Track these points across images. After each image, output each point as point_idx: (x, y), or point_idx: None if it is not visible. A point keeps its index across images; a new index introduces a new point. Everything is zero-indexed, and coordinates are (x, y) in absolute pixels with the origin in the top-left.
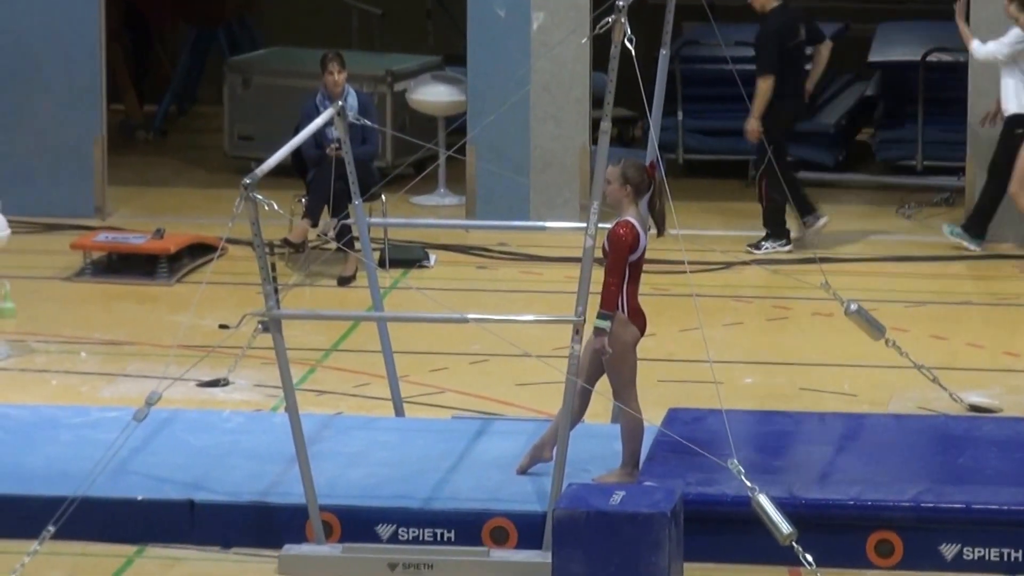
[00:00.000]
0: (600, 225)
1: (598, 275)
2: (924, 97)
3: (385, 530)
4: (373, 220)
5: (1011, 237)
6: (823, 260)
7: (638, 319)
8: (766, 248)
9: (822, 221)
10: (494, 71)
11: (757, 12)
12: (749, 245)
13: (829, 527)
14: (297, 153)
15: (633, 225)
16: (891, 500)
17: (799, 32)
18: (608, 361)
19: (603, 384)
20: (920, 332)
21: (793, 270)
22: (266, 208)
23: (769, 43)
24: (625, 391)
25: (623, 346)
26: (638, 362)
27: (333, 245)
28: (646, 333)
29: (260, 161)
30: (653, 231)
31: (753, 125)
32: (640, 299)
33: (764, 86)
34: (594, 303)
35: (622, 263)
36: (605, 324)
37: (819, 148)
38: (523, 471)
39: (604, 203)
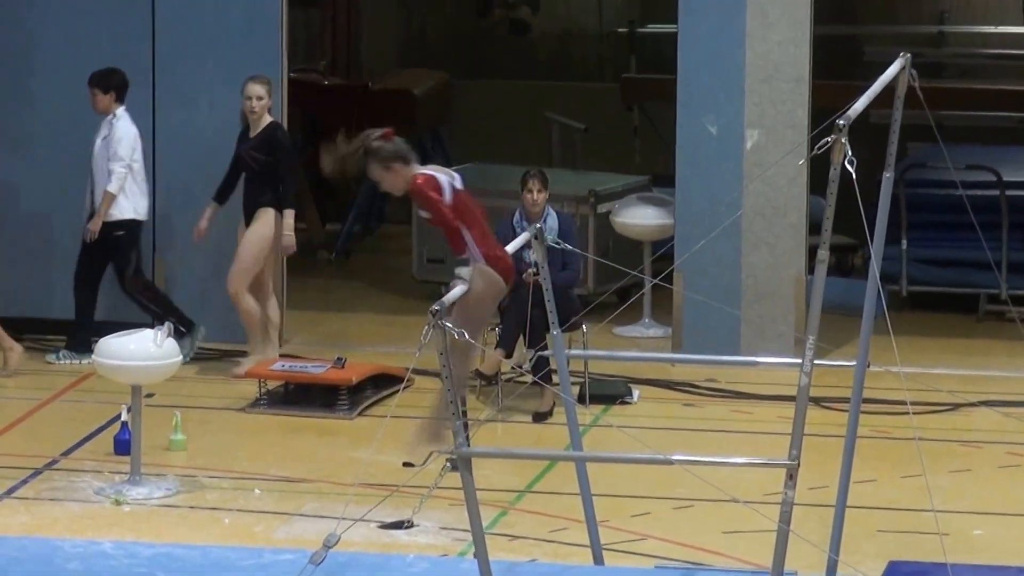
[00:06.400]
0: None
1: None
2: None
3: None
4: (572, 352)
5: None
6: None
7: (499, 265)
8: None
9: None
10: (704, 193)
11: None
12: None
13: None
14: None
15: (429, 175)
16: None
17: None
18: (462, 305)
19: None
20: None
21: None
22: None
23: None
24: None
25: (477, 293)
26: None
27: (529, 378)
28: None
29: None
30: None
31: None
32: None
33: None
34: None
35: (439, 210)
36: (464, 270)
37: None
38: None
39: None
